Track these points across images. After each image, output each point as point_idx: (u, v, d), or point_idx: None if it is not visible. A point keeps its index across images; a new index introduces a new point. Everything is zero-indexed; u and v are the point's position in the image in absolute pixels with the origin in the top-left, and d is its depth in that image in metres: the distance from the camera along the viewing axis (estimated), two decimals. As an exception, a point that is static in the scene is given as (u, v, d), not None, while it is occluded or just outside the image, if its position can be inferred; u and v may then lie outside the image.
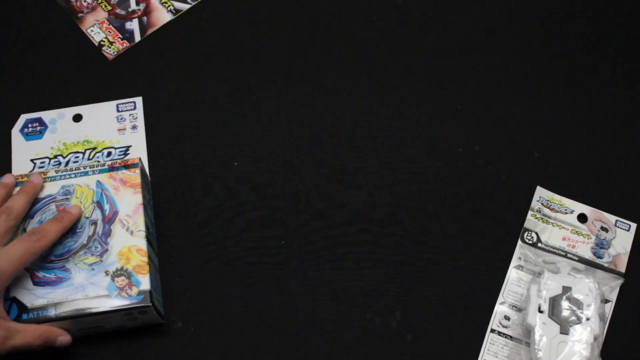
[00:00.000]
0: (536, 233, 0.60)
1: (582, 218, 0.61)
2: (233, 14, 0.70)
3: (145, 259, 0.55)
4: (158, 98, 0.67)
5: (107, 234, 0.56)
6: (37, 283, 0.54)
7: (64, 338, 0.54)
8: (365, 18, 0.70)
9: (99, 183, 0.58)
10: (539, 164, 0.64)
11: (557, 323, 0.55)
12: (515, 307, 0.58)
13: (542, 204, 0.61)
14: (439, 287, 0.59)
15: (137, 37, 0.69)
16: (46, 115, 0.65)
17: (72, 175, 0.58)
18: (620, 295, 0.59)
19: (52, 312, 0.53)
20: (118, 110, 0.65)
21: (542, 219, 0.60)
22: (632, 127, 0.65)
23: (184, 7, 0.70)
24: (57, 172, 0.59)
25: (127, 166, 0.59)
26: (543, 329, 0.55)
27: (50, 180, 0.58)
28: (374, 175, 0.63)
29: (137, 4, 0.71)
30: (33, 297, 0.54)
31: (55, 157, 0.63)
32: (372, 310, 0.58)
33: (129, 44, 0.69)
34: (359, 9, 0.70)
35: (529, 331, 0.56)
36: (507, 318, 0.57)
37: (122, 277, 0.55)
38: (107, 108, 0.65)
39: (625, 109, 0.66)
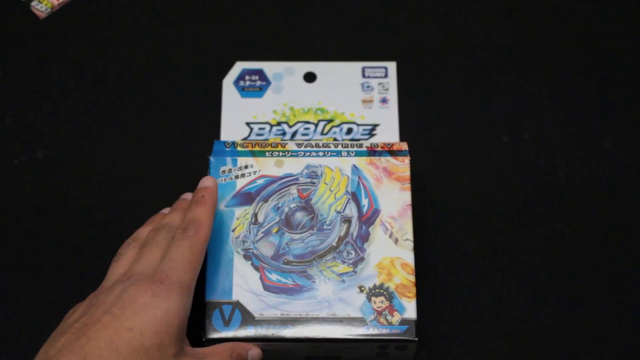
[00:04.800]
0: None
1: None
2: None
3: (413, 277, 0.55)
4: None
5: (364, 237, 0.56)
6: (269, 288, 0.55)
7: (254, 352, 0.54)
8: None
9: (355, 169, 0.58)
10: None
11: None
12: None
13: None
14: None
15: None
16: (270, 67, 0.67)
17: (320, 153, 0.59)
18: None
19: (285, 330, 0.54)
20: (364, 76, 0.66)
21: None
22: None
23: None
24: (299, 145, 0.59)
25: (392, 152, 0.59)
26: None
27: (291, 156, 0.58)
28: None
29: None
30: (263, 305, 0.54)
31: (279, 124, 0.65)
32: None
33: (68, -1, 0.70)
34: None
35: None
36: None
37: (381, 298, 0.55)
38: (349, 70, 0.67)
39: None
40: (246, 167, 0.59)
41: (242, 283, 0.55)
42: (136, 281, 0.50)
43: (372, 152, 0.59)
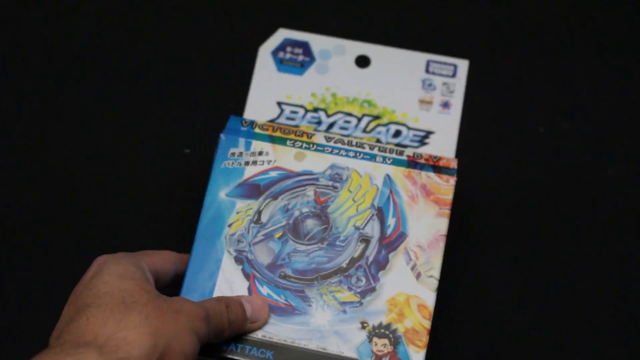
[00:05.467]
0: None
1: None
2: None
3: (428, 323, 0.53)
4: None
5: (381, 264, 0.54)
6: (257, 303, 0.54)
7: (252, 301, 0.53)
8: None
9: (388, 180, 0.56)
10: None
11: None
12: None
13: None
14: None
15: None
16: (317, 41, 0.66)
17: (351, 154, 0.57)
18: None
19: (264, 356, 0.52)
20: (428, 71, 0.65)
21: None
22: None
23: None
24: (328, 139, 0.57)
25: (436, 168, 0.57)
26: None
27: (316, 150, 0.57)
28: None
29: None
30: (246, 323, 0.55)
31: (316, 110, 0.63)
32: None
33: None
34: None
35: None
36: None
37: (385, 341, 0.52)
38: (411, 60, 0.65)
39: None
40: (260, 153, 0.58)
41: (226, 289, 0.53)
42: None
43: (412, 163, 0.57)
